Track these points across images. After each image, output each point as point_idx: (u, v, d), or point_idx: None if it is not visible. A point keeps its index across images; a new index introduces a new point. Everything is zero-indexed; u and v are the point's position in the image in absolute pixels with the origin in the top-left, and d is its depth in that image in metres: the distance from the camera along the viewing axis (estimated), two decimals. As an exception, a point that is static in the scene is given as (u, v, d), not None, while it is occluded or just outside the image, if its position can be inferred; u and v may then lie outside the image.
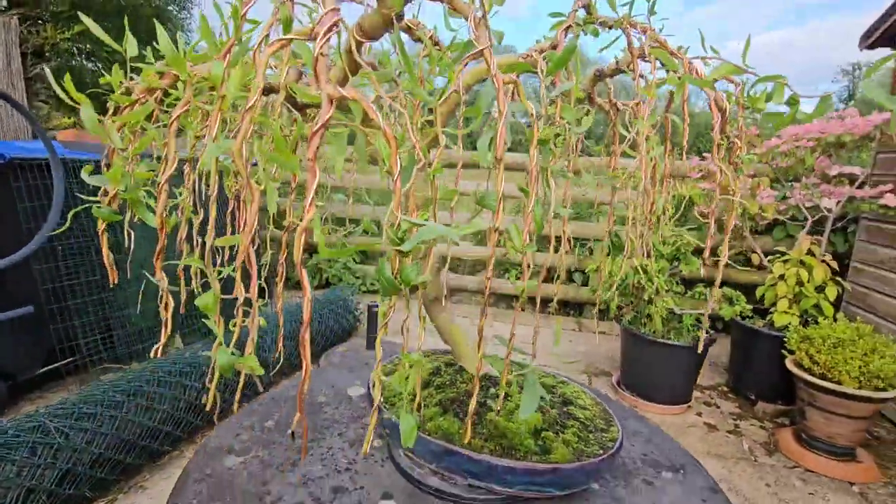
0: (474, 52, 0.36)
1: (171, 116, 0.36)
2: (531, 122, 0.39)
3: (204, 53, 0.40)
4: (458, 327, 0.68)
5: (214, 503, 0.55)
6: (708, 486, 0.65)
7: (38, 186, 2.17)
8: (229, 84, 0.31)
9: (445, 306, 0.68)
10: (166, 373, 2.00)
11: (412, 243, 0.30)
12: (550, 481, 0.54)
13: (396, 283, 0.31)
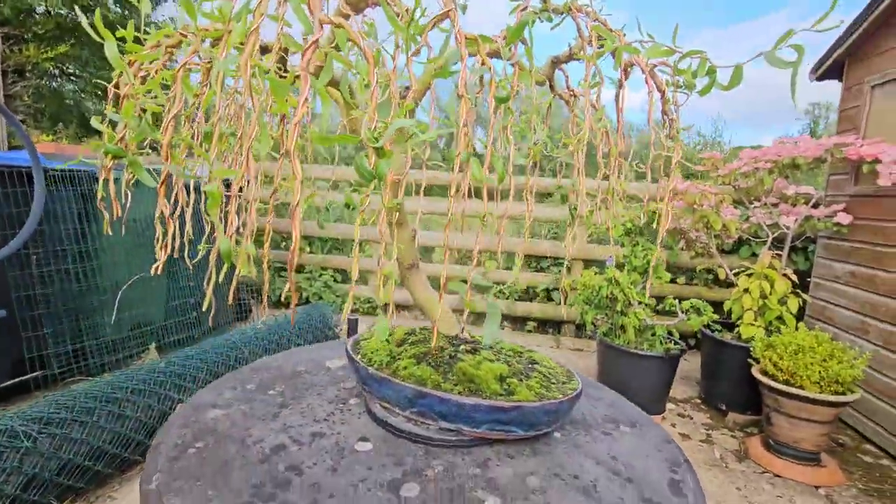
0: (441, 14, 0.43)
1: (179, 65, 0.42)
2: (489, 79, 0.46)
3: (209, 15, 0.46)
4: (430, 293, 0.73)
5: (198, 443, 0.57)
6: (662, 438, 0.70)
7: (17, 194, 2.17)
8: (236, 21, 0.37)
9: (419, 274, 0.73)
10: (140, 381, 1.97)
11: (385, 139, 0.35)
12: (514, 419, 0.58)
13: (371, 173, 0.37)
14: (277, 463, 0.54)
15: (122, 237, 2.62)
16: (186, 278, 3.04)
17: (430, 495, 0.51)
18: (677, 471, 0.61)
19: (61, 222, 2.32)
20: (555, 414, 0.61)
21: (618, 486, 0.56)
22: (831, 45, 2.96)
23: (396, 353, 0.66)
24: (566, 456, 0.61)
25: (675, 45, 0.54)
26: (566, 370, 0.72)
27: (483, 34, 0.49)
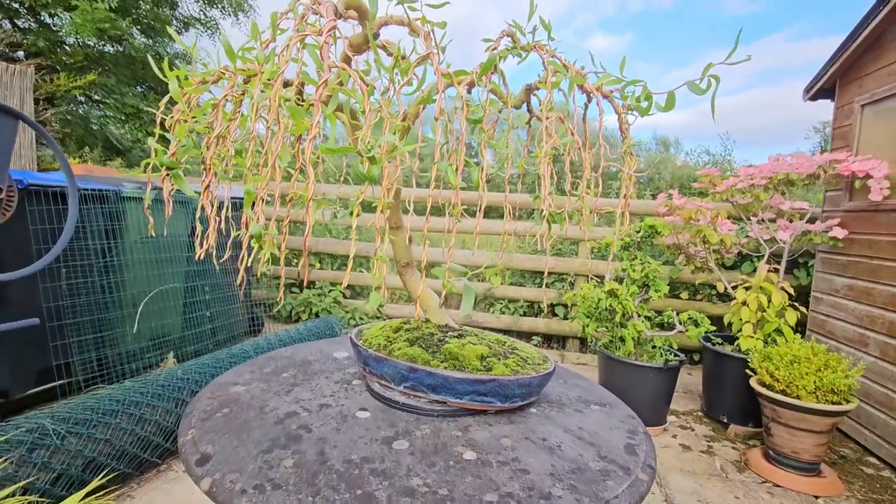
0: (422, 56, 0.55)
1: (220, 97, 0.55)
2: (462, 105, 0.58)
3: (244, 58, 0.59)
4: (423, 289, 0.83)
5: (223, 409, 0.68)
6: (628, 414, 0.79)
7: (51, 211, 2.33)
8: (266, 66, 0.49)
9: (414, 272, 0.84)
10: (159, 387, 2.08)
11: (374, 151, 0.46)
12: (491, 390, 0.68)
13: (364, 175, 0.48)
14: (290, 424, 0.65)
15: (143, 254, 2.77)
16: (203, 293, 3.18)
17: (417, 448, 0.61)
18: (634, 438, 0.70)
19: (88, 238, 2.48)
20: (527, 387, 0.70)
21: (580, 447, 0.65)
22: (821, 67, 3.07)
23: (392, 338, 0.77)
24: (538, 425, 0.70)
25: (622, 76, 0.65)
26: (543, 356, 0.82)
27: (460, 69, 0.60)
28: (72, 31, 6.80)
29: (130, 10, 7.02)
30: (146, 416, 1.95)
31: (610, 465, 0.61)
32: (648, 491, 0.60)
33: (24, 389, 2.29)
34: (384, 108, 0.56)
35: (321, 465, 0.55)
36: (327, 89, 0.49)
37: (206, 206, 0.60)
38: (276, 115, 0.48)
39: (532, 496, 0.53)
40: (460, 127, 0.55)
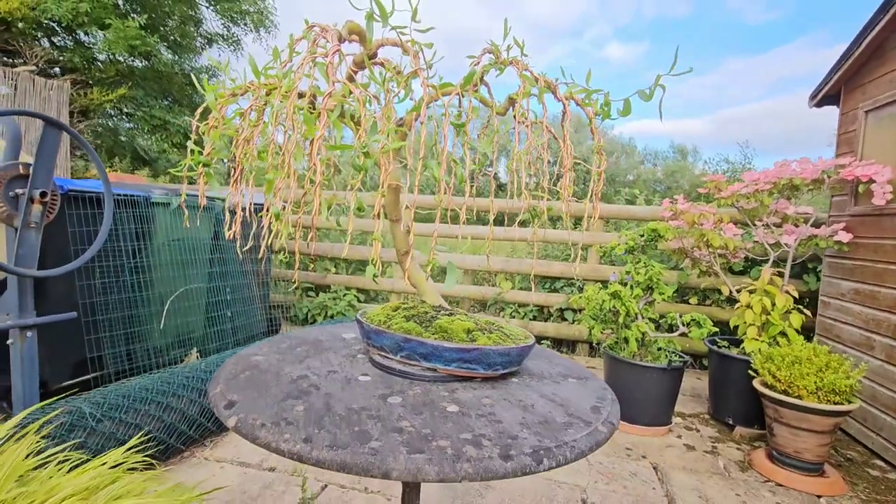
0: (412, 72, 0.66)
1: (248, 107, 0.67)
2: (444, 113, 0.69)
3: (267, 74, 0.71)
4: (420, 274, 0.94)
5: (245, 372, 0.80)
6: (601, 386, 0.88)
7: (87, 215, 2.51)
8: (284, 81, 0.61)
9: (412, 259, 0.95)
10: (184, 377, 2.23)
11: (368, 148, 0.57)
12: (475, 358, 0.78)
13: (360, 166, 0.59)
14: (302, 383, 0.76)
15: (170, 255, 2.94)
16: (224, 293, 3.34)
17: (408, 403, 0.71)
18: (602, 402, 0.79)
19: (120, 240, 2.65)
20: (507, 356, 0.80)
21: (550, 407, 0.74)
22: (825, 75, 3.12)
23: (391, 316, 0.87)
24: (517, 390, 0.80)
25: (587, 86, 0.75)
26: (526, 333, 0.92)
27: (446, 82, 0.71)
28: (105, 47, 7.18)
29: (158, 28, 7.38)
30: (172, 405, 2.09)
31: (574, 420, 0.71)
32: (606, 441, 0.69)
33: (62, 380, 2.46)
34: (383, 115, 0.68)
35: (327, 411, 0.66)
36: (333, 100, 0.60)
37: (234, 193, 0.72)
38: (292, 121, 0.60)
39: (501, 436, 0.63)
40: (444, 131, 0.66)
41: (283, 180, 0.67)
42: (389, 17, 0.63)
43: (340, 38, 0.64)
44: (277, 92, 0.61)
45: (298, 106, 0.63)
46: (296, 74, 0.61)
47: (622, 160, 43.95)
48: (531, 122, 0.86)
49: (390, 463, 0.55)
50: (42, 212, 1.94)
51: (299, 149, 0.64)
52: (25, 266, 1.86)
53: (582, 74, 0.84)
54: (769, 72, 69.24)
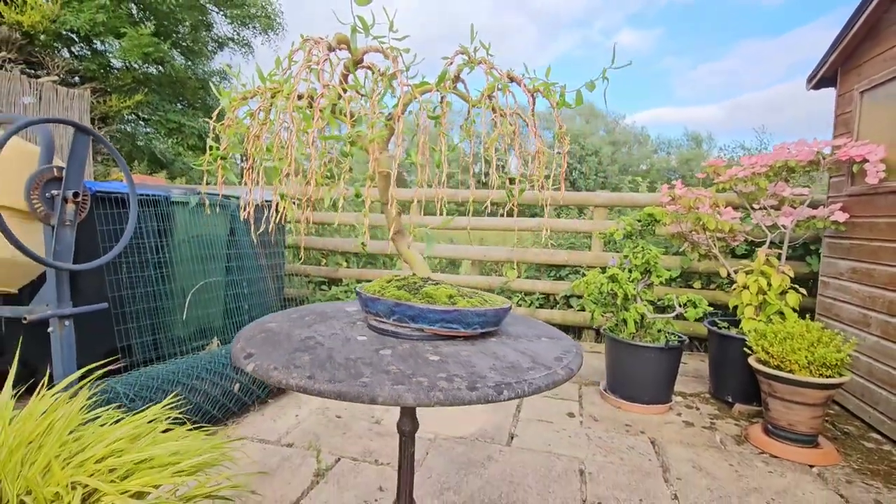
0: (392, 73, 0.78)
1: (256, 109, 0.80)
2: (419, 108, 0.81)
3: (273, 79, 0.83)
4: (412, 251, 1.07)
5: (261, 334, 0.93)
6: (571, 343, 1.00)
7: (113, 215, 2.69)
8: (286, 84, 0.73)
9: (403, 237, 1.08)
10: (206, 362, 2.39)
11: (352, 137, 0.70)
12: (455, 318, 0.90)
13: (345, 152, 0.71)
14: (308, 342, 0.89)
15: (189, 251, 3.12)
16: (241, 286, 3.51)
17: (397, 354, 0.84)
18: (566, 354, 0.91)
19: (144, 237, 2.83)
20: (483, 317, 0.92)
21: (519, 357, 0.86)
22: (821, 57, 3.15)
23: (385, 287, 1.00)
24: (493, 346, 0.93)
25: (548, 79, 0.87)
26: (504, 299, 1.04)
27: (423, 82, 0.83)
28: (120, 55, 7.43)
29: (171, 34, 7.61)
30: (196, 387, 2.26)
31: (537, 365, 0.83)
32: (563, 382, 0.81)
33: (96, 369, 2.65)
34: (371, 110, 0.80)
35: (328, 360, 0.79)
36: (325, 99, 0.72)
37: (248, 183, 0.85)
38: (292, 117, 0.72)
39: (472, 375, 0.75)
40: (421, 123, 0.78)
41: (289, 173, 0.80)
42: (371, 29, 0.75)
43: (330, 47, 0.77)
44: (280, 94, 0.74)
45: (297, 105, 0.76)
46: (294, 79, 0.74)
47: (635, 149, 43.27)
48: (505, 112, 0.98)
49: (377, 391, 0.68)
50: (75, 211, 2.11)
51: (300, 141, 0.77)
52: (62, 260, 2.03)
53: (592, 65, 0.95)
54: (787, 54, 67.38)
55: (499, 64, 0.94)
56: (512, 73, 0.92)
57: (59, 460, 0.81)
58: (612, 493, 1.96)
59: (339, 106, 0.78)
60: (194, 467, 0.89)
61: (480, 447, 2.30)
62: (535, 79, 0.88)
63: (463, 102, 0.97)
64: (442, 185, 0.86)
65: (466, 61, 0.90)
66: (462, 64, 0.91)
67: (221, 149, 0.84)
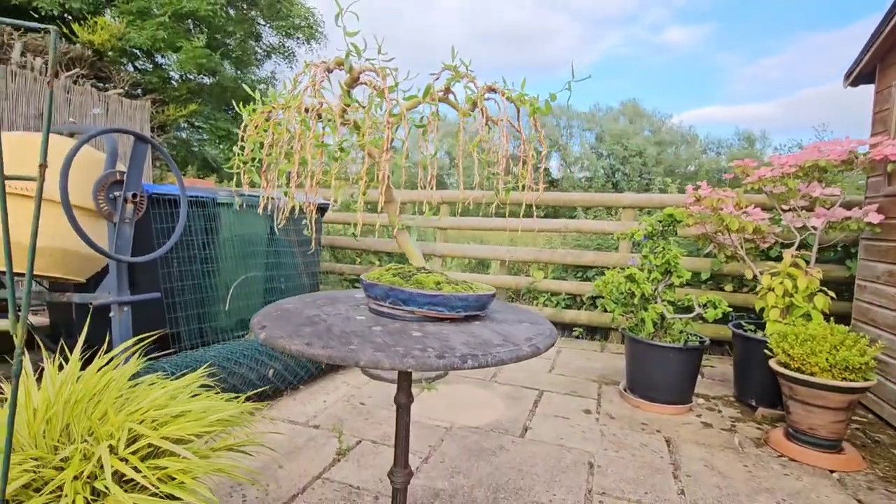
0: (383, 89, 0.92)
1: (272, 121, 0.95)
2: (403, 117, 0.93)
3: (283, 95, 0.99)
4: (409, 243, 1.20)
5: (277, 312, 1.09)
6: (547, 328, 1.10)
7: (166, 214, 2.99)
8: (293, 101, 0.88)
9: (403, 233, 1.21)
10: (245, 348, 2.62)
11: (342, 145, 0.83)
12: (440, 301, 1.02)
13: (333, 155, 0.85)
14: (314, 318, 1.04)
15: (232, 248, 3.40)
16: (279, 281, 3.77)
17: (386, 330, 0.97)
18: (536, 336, 1.01)
19: (192, 235, 3.12)
20: (465, 301, 1.04)
21: (493, 336, 0.98)
22: (858, 53, 3.05)
23: (383, 274, 1.14)
24: (474, 328, 1.04)
25: (522, 91, 0.97)
26: (490, 287, 1.15)
27: (412, 95, 0.96)
28: (177, 67, 8.03)
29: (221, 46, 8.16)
30: (234, 370, 2.49)
31: (506, 343, 0.94)
32: (526, 358, 0.91)
33: (150, 352, 2.94)
34: (366, 121, 0.94)
35: (326, 332, 0.94)
36: (326, 112, 0.86)
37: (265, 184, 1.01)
38: (299, 127, 0.87)
39: (443, 348, 0.87)
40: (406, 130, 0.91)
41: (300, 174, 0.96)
42: (364, 53, 0.89)
43: (329, 69, 0.91)
44: (288, 110, 0.89)
45: (302, 116, 0.91)
46: (301, 95, 0.89)
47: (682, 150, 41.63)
48: (496, 120, 1.09)
49: (360, 356, 0.82)
50: (133, 210, 2.39)
51: (305, 146, 0.92)
52: (122, 254, 2.31)
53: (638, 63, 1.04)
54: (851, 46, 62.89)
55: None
56: (494, 85, 1.04)
57: (113, 410, 0.99)
58: (619, 485, 2.01)
59: (346, 116, 0.93)
60: (220, 422, 1.06)
61: (494, 437, 2.40)
62: (511, 90, 0.99)
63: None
64: (430, 186, 0.99)
65: (453, 76, 1.03)
66: (450, 78, 1.04)
67: (245, 153, 1.00)
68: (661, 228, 2.92)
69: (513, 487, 1.95)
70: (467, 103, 0.97)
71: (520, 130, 1.08)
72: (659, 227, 2.93)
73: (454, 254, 5.02)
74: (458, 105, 1.09)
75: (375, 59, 0.90)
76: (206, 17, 7.32)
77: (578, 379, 3.38)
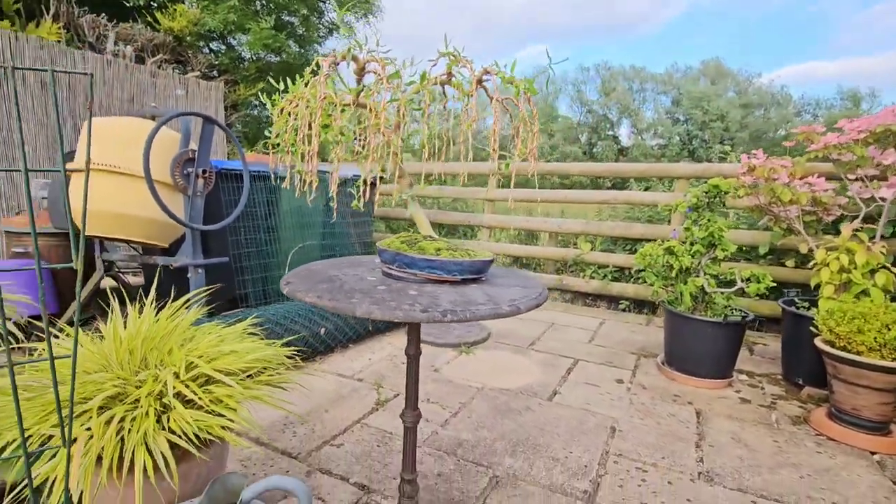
0: (388, 75, 1.04)
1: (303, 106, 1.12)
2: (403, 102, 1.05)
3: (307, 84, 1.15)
4: (419, 214, 1.34)
5: (304, 272, 1.29)
6: (536, 291, 1.20)
7: (233, 187, 3.33)
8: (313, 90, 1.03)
9: (415, 204, 1.35)
10: (300, 309, 2.93)
11: (344, 129, 0.97)
12: (437, 266, 1.16)
13: (327, 139, 0.99)
14: (332, 277, 1.22)
15: (292, 218, 3.72)
16: (334, 250, 4.08)
17: (389, 289, 1.13)
18: (522, 297, 1.12)
19: (256, 206, 3.46)
20: (461, 265, 1.16)
21: (480, 296, 1.10)
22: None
23: (393, 242, 1.29)
24: (468, 290, 1.17)
25: (513, 75, 1.05)
26: (489, 254, 1.27)
27: (412, 80, 1.08)
28: (247, 47, 8.53)
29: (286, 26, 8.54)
30: (291, 328, 2.80)
31: (489, 302, 1.06)
32: (505, 316, 1.03)
33: (222, 311, 3.36)
34: (373, 107, 1.08)
35: (338, 289, 1.11)
36: (331, 98, 1.01)
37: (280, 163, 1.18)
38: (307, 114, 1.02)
39: (431, 304, 1.01)
40: (403, 113, 1.03)
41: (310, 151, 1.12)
42: (365, 46, 1.02)
43: (336, 61, 1.05)
44: (303, 99, 1.05)
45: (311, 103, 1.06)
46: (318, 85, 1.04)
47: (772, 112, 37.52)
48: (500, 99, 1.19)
49: (357, 307, 0.98)
50: (204, 184, 2.71)
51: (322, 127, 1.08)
52: (195, 223, 2.65)
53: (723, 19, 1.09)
54: None
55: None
56: (489, 67, 1.13)
57: (177, 347, 1.25)
58: (637, 448, 2.09)
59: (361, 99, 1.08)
60: (258, 360, 1.29)
61: (522, 399, 2.54)
62: (501, 72, 1.08)
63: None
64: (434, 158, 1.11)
65: (452, 60, 1.13)
66: (450, 63, 1.14)
67: (273, 136, 1.18)
68: (707, 200, 2.83)
69: (532, 443, 2.10)
70: (469, 84, 1.07)
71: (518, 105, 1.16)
72: (704, 199, 2.83)
73: (502, 225, 5.09)
74: (462, 85, 1.19)
75: (376, 51, 1.03)
76: (272, -1, 7.69)
77: (617, 350, 3.41)
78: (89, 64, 5.40)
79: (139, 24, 6.85)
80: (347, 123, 1.01)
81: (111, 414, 1.02)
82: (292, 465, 1.86)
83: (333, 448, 1.99)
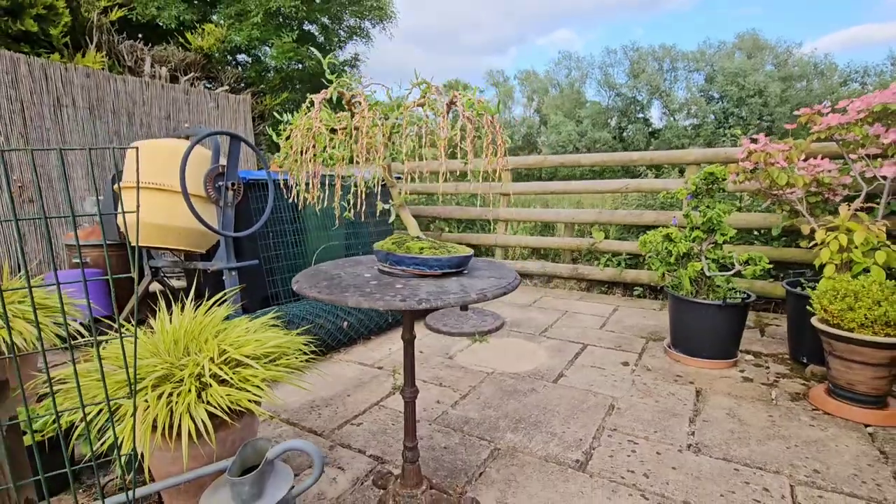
0: (372, 104, 1.24)
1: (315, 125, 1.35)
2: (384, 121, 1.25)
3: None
4: (410, 218, 1.55)
5: (312, 272, 1.52)
6: (507, 282, 1.39)
7: (260, 196, 3.64)
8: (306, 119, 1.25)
9: (405, 209, 1.56)
10: (324, 307, 3.20)
11: (336, 148, 1.18)
12: (421, 262, 1.36)
13: (333, 158, 1.20)
14: (333, 276, 1.45)
15: (316, 222, 4.00)
16: (356, 249, 4.35)
17: (379, 283, 1.35)
18: (491, 288, 1.31)
19: (283, 212, 3.75)
20: (440, 261, 1.36)
21: (457, 288, 1.30)
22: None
23: (386, 243, 1.51)
24: (447, 282, 1.37)
25: (480, 97, 1.24)
26: (468, 250, 1.46)
27: (388, 105, 1.28)
28: (272, 60, 8.95)
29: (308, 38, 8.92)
30: (318, 322, 3.07)
31: (461, 292, 1.26)
32: (472, 302, 1.22)
33: (255, 309, 3.68)
34: (362, 126, 1.30)
35: (336, 285, 1.34)
36: (328, 125, 1.23)
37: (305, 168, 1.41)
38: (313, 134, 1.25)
39: (411, 294, 1.22)
40: (379, 135, 1.24)
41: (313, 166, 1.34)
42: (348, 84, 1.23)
43: (326, 97, 1.27)
44: (300, 128, 1.27)
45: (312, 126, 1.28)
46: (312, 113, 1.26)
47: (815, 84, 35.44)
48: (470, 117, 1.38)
49: (348, 299, 1.20)
50: (233, 196, 3.01)
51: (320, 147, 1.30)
52: (226, 230, 2.95)
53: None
54: None
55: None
56: (455, 94, 1.32)
57: (212, 337, 1.51)
58: (632, 424, 2.24)
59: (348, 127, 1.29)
60: (278, 346, 1.53)
61: (528, 382, 2.73)
62: (470, 94, 1.27)
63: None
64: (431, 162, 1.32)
65: (426, 88, 1.33)
66: (424, 90, 1.34)
67: (281, 157, 1.42)
68: (706, 186, 2.91)
69: (533, 420, 2.28)
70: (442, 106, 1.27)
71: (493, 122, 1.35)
72: (703, 186, 2.92)
73: (517, 218, 5.24)
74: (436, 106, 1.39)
75: (359, 86, 1.24)
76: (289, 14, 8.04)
77: (627, 335, 3.53)
78: (129, 86, 5.87)
79: (171, 46, 7.33)
80: (341, 143, 1.23)
81: (162, 390, 1.28)
82: (317, 441, 2.12)
83: (353, 426, 2.24)
